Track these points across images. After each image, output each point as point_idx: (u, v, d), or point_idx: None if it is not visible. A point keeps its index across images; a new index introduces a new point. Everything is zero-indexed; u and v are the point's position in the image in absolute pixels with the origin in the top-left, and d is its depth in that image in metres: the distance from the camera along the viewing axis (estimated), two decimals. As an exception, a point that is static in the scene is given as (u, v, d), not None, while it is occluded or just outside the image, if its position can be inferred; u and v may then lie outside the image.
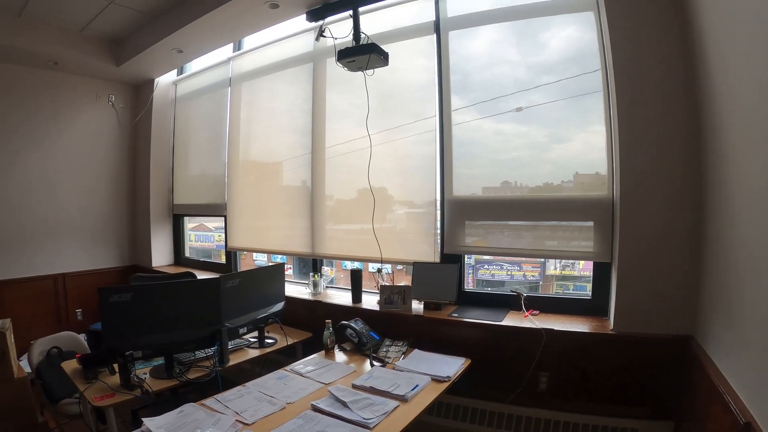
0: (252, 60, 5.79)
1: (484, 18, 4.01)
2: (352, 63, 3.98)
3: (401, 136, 4.36)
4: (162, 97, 6.90)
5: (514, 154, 3.88)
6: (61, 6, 5.05)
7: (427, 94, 4.27)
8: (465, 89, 4.11)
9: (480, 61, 4.07)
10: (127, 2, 5.01)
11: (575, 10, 3.57)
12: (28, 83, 5.99)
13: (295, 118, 5.23)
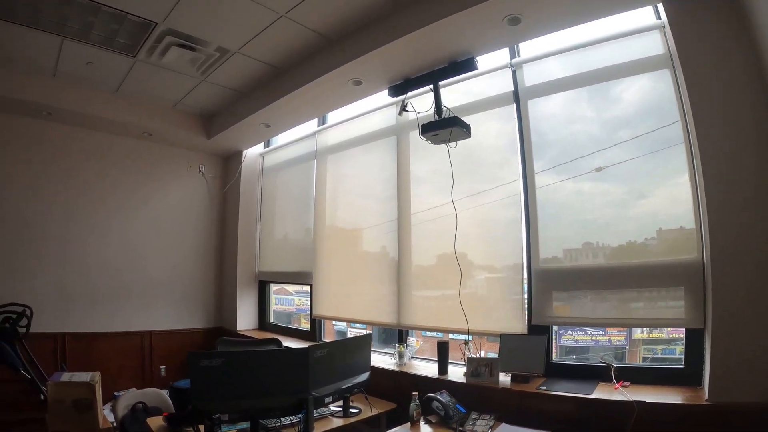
0: (337, 134, 6.05)
1: (562, 85, 4.06)
2: (435, 136, 4.12)
3: (484, 202, 4.39)
4: (250, 167, 7.26)
5: (595, 214, 3.82)
6: (155, 83, 5.52)
7: (506, 156, 4.33)
8: (541, 149, 4.12)
9: (555, 119, 4.10)
10: (218, 80, 5.42)
11: (650, 70, 3.58)
12: (124, 152, 6.50)
13: (380, 187, 5.36)
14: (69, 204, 5.93)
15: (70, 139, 5.97)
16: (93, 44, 4.62)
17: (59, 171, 5.87)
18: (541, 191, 4.06)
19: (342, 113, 5.88)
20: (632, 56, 3.66)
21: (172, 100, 5.99)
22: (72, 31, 4.38)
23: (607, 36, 3.80)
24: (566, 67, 4.05)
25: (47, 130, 5.81)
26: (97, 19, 4.21)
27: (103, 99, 5.69)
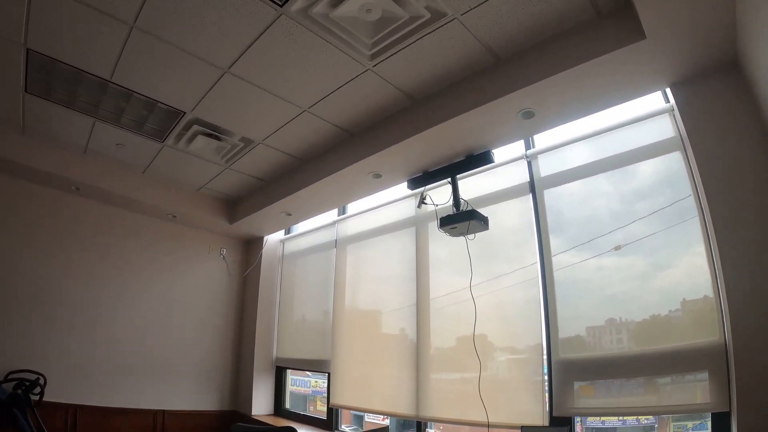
0: (357, 224, 6.13)
1: (576, 174, 4.13)
2: (453, 230, 4.18)
3: (503, 285, 4.36)
4: (270, 253, 7.31)
5: (616, 288, 3.74)
6: (181, 167, 5.71)
7: (525, 237, 4.35)
8: (560, 227, 4.14)
9: (572, 197, 4.14)
10: (242, 168, 5.59)
11: (662, 153, 3.66)
12: (148, 231, 6.60)
13: (399, 271, 5.37)
14: (89, 275, 5.98)
15: (95, 214, 6.11)
16: (123, 128, 4.83)
17: (82, 244, 5.97)
18: (560, 271, 4.04)
19: (362, 204, 6.00)
20: (644, 141, 3.77)
21: (197, 185, 6.17)
22: (104, 114, 4.61)
23: (619, 123, 3.93)
24: (580, 155, 4.14)
25: (75, 204, 5.96)
26: (128, 105, 4.43)
27: (130, 179, 5.87)
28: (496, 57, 3.63)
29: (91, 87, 4.21)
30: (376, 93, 4.09)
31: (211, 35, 3.51)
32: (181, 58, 3.76)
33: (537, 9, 3.16)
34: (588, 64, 3.15)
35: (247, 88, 4.09)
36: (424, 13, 3.20)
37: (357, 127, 4.59)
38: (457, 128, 3.97)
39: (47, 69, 4.00)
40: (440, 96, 4.03)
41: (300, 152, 5.15)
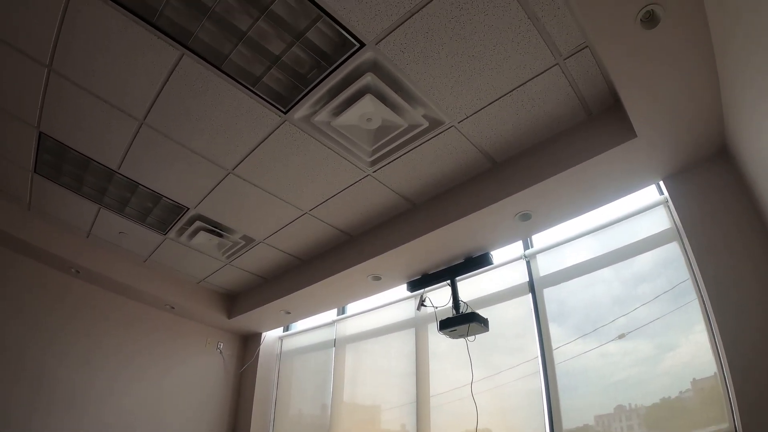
0: (356, 324, 6.11)
1: (576, 272, 4.16)
2: (453, 332, 4.20)
3: (505, 379, 4.30)
4: (268, 349, 7.24)
5: (623, 374, 3.66)
6: (182, 260, 5.78)
7: (524, 329, 4.33)
8: (562, 315, 4.12)
9: (574, 284, 4.13)
10: (242, 265, 5.67)
11: (660, 244, 3.72)
12: (145, 320, 6.55)
13: (399, 372, 5.29)
14: (82, 358, 5.89)
15: (93, 298, 6.11)
16: (127, 217, 4.95)
17: (78, 326, 5.93)
18: (561, 358, 4.01)
19: (362, 303, 5.99)
20: (642, 234, 3.85)
21: (197, 277, 6.23)
22: (109, 202, 4.74)
23: (616, 218, 4.03)
24: (579, 252, 4.19)
25: (73, 286, 5.99)
26: (133, 196, 4.57)
27: (130, 267, 5.94)
28: (493, 161, 3.77)
29: (99, 175, 4.37)
30: (377, 197, 4.22)
31: (217, 137, 3.69)
32: (187, 156, 3.93)
33: (530, 114, 3.33)
34: (582, 165, 3.28)
35: (250, 189, 4.23)
36: (423, 121, 3.37)
37: (357, 230, 4.69)
38: (456, 232, 4.06)
39: (57, 153, 4.18)
40: (439, 200, 4.15)
41: (300, 252, 5.24)
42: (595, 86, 3.12)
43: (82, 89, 3.46)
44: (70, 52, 3.20)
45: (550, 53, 2.89)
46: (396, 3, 2.64)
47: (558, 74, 3.02)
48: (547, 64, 2.97)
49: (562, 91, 3.15)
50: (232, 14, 2.84)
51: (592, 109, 3.29)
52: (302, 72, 3.14)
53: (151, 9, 2.86)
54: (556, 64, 2.96)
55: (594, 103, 3.24)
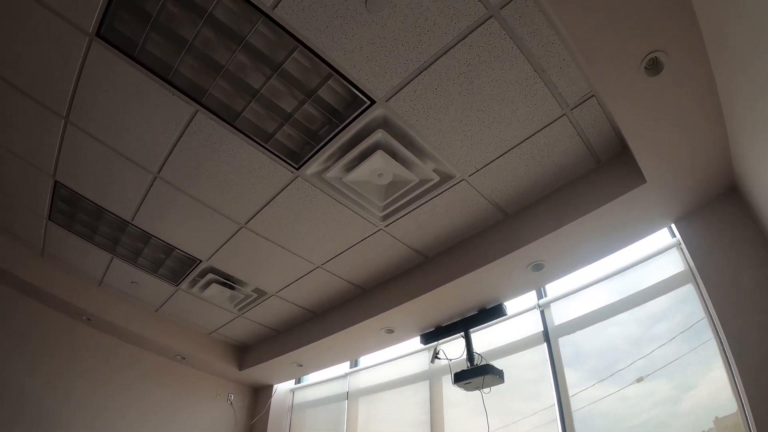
0: (369, 376, 6.04)
1: (592, 318, 4.09)
2: (468, 384, 4.15)
3: (522, 430, 4.22)
4: (280, 402, 7.16)
5: (643, 417, 3.56)
6: (193, 311, 5.80)
7: (540, 374, 4.27)
8: (579, 360, 4.05)
9: (589, 330, 4.07)
10: (254, 317, 5.66)
11: (675, 287, 3.66)
12: (155, 369, 6.52)
13: (413, 423, 5.21)
14: (89, 405, 5.86)
15: (103, 345, 6.11)
16: (139, 267, 4.98)
17: (86, 373, 5.92)
18: (581, 408, 3.91)
19: (375, 356, 5.92)
20: (656, 277, 3.79)
21: (208, 329, 6.22)
22: (122, 252, 4.79)
23: (629, 264, 3.98)
24: (593, 299, 4.13)
25: (84, 332, 5.99)
26: (146, 247, 4.62)
27: (142, 317, 5.94)
28: (504, 213, 3.77)
29: (112, 225, 4.43)
30: (389, 251, 4.22)
31: (230, 192, 3.74)
32: (200, 209, 3.98)
33: (540, 165, 3.34)
34: (593, 213, 3.26)
35: (262, 243, 4.26)
36: (433, 176, 3.39)
37: (370, 284, 4.68)
38: (469, 284, 4.03)
39: (72, 202, 4.26)
40: (452, 253, 4.14)
41: (313, 305, 5.23)
42: (603, 134, 3.13)
43: (97, 141, 3.55)
44: (86, 104, 3.30)
45: (557, 104, 2.92)
46: (405, 61, 2.70)
47: (566, 124, 3.04)
48: (554, 115, 2.99)
49: (571, 140, 3.17)
50: (246, 72, 2.91)
51: (601, 157, 3.30)
52: (314, 129, 3.19)
53: (166, 66, 2.94)
54: (563, 115, 2.98)
55: (602, 150, 3.25)
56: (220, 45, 2.80)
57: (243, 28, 2.69)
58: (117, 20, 2.80)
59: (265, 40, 2.74)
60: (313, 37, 2.65)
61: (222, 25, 2.70)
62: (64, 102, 3.32)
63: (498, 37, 2.57)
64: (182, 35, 2.78)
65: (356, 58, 2.72)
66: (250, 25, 2.66)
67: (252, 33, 2.70)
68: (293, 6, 2.52)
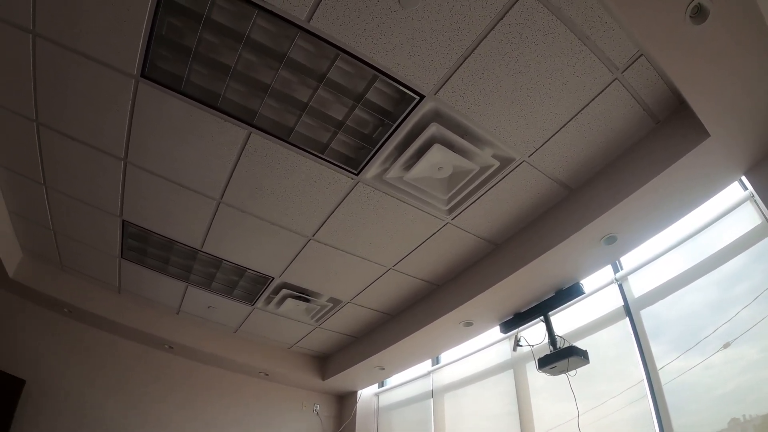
0: (452, 372, 6.02)
1: (672, 286, 3.95)
2: (553, 369, 4.06)
3: (610, 406, 4.12)
4: (365, 407, 7.22)
5: (732, 385, 3.42)
6: (272, 328, 5.94)
7: (624, 351, 4.17)
8: (662, 332, 3.93)
9: (670, 299, 3.94)
10: (332, 327, 5.75)
11: (754, 242, 3.48)
12: (240, 388, 6.71)
13: (501, 415, 5.16)
14: (188, 429, 6.11)
15: (188, 371, 6.34)
16: (214, 292, 5.11)
17: (173, 399, 6.12)
18: (669, 381, 3.79)
19: (456, 351, 5.88)
20: (733, 234, 3.62)
21: (288, 343, 6.35)
22: (196, 279, 4.95)
23: (704, 224, 3.83)
24: (671, 265, 4.00)
25: (167, 361, 6.23)
26: (218, 271, 4.74)
27: (221, 339, 6.12)
28: (569, 189, 3.67)
29: (183, 255, 4.59)
30: (458, 244, 4.19)
31: (293, 206, 3.81)
32: (266, 228, 4.07)
33: (598, 134, 3.23)
34: (660, 176, 3.13)
35: (331, 253, 4.32)
36: (493, 162, 3.34)
37: (443, 279, 4.66)
38: (543, 266, 3.95)
39: (141, 238, 4.44)
40: (521, 237, 4.07)
41: (388, 308, 5.26)
42: (658, 92, 3.00)
43: (158, 176, 3.69)
44: (142, 143, 3.44)
45: (606, 69, 2.82)
46: (447, 50, 2.68)
47: (618, 89, 2.94)
48: (605, 81, 2.90)
49: (626, 104, 3.05)
50: (292, 88, 2.95)
51: (659, 116, 3.16)
52: (368, 132, 3.21)
53: (213, 94, 3.02)
54: (614, 80, 2.88)
55: (659, 109, 3.11)
56: (263, 65, 2.86)
57: (282, 44, 2.74)
58: (159, 59, 2.89)
59: (305, 53, 2.78)
60: (353, 43, 2.67)
61: (261, 45, 2.75)
62: (121, 144, 3.46)
63: (535, 11, 2.51)
64: (224, 62, 2.86)
65: (398, 56, 2.72)
66: (288, 41, 2.71)
67: (292, 48, 2.74)
68: (327, 15, 2.54)
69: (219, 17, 2.66)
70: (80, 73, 3.02)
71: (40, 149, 3.69)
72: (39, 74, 3.09)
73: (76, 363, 5.72)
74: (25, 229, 4.84)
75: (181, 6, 2.63)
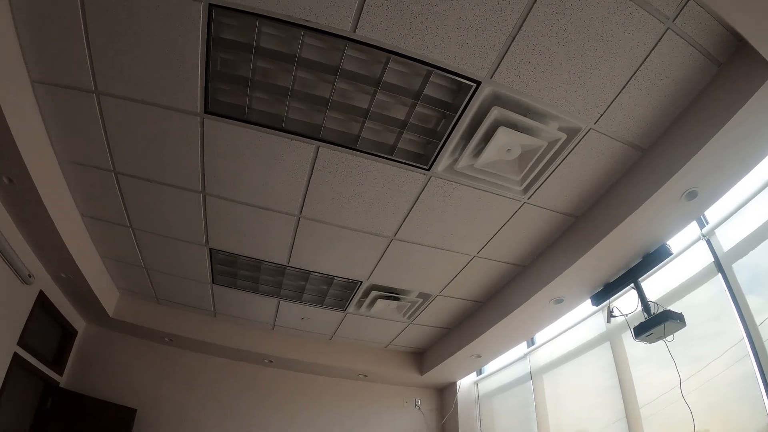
0: (548, 352, 6.00)
1: (764, 232, 3.74)
2: (649, 336, 3.95)
3: (713, 373, 3.99)
4: (465, 396, 7.27)
5: None
6: (366, 330, 6.10)
7: (720, 309, 4.01)
8: (757, 283, 3.77)
9: (760, 247, 3.75)
10: (425, 321, 5.84)
11: None
12: (340, 392, 6.93)
13: (601, 391, 5.11)
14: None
15: (287, 381, 6.63)
16: (306, 303, 5.30)
17: (277, 410, 6.41)
18: None
19: (550, 329, 5.83)
20: None
21: (383, 342, 6.49)
22: (287, 294, 5.15)
23: None
24: (759, 212, 3.81)
25: (268, 374, 6.54)
26: (308, 283, 4.89)
27: (318, 347, 6.35)
28: (641, 149, 3.55)
29: (271, 273, 4.77)
30: (538, 221, 4.17)
31: (371, 210, 3.90)
32: (348, 235, 4.18)
33: (661, 89, 3.13)
34: (733, 119, 2.97)
35: (415, 249, 4.38)
36: (560, 135, 3.29)
37: (528, 259, 4.64)
38: (626, 232, 3.84)
39: (229, 263, 4.66)
40: (600, 205, 4.00)
41: (478, 295, 5.27)
42: (714, 34, 2.86)
43: (236, 203, 3.89)
44: (217, 174, 3.64)
45: (656, 21, 2.73)
46: (494, 33, 2.68)
47: (673, 38, 2.83)
48: (658, 33, 2.80)
49: (683, 52, 2.93)
50: (350, 97, 3.03)
51: (720, 59, 3.00)
52: (432, 127, 3.25)
53: (276, 117, 3.16)
54: (667, 29, 2.78)
55: (719, 52, 2.96)
56: (318, 81, 2.95)
57: (333, 58, 2.82)
58: (219, 93, 3.06)
59: (357, 62, 2.85)
60: (401, 43, 2.71)
61: (313, 62, 2.85)
62: (197, 178, 3.68)
63: (573, -26, 2.48)
64: (281, 84, 2.97)
65: (448, 48, 2.75)
66: (338, 53, 2.78)
67: (343, 59, 2.81)
68: (371, 22, 2.60)
69: (268, 44, 2.78)
70: (147, 119, 3.25)
71: (121, 195, 3.99)
72: (109, 127, 3.37)
73: (182, 387, 6.08)
74: (118, 270, 5.18)
75: (230, 41, 2.78)
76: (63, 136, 3.57)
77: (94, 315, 5.78)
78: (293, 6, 2.57)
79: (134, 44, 2.83)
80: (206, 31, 2.72)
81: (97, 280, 5.03)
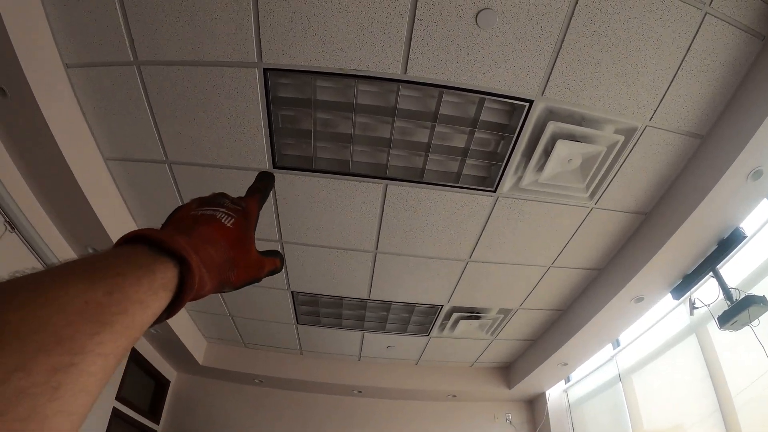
0: (635, 351, 5.91)
1: None
2: (734, 324, 3.89)
3: None
4: (556, 405, 7.21)
5: None
6: (450, 351, 6.16)
7: None
8: None
9: None
10: (508, 336, 5.86)
11: None
12: (430, 415, 6.97)
13: (692, 384, 5.02)
14: None
15: (379, 410, 6.74)
16: (390, 332, 5.42)
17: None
18: None
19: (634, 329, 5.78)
20: None
21: (469, 361, 6.53)
22: (370, 326, 5.29)
23: None
24: None
25: (358, 404, 6.69)
26: (389, 313, 5.02)
27: (405, 373, 6.43)
28: (700, 137, 3.51)
29: (353, 308, 4.93)
30: (608, 224, 4.18)
31: (444, 237, 4.02)
32: (424, 263, 4.30)
33: (710, 74, 3.12)
34: None
35: (491, 268, 4.46)
36: (617, 137, 3.34)
37: (603, 262, 4.64)
38: (698, 220, 3.78)
39: (311, 303, 4.85)
40: (668, 199, 3.98)
41: (557, 304, 5.29)
42: (753, 9, 2.84)
43: (314, 246, 4.08)
44: (293, 223, 3.88)
45: (694, 8, 2.74)
46: (538, 51, 2.77)
47: (712, 22, 2.83)
48: (697, 20, 2.80)
49: (726, 34, 2.92)
50: (410, 134, 3.17)
51: (763, 32, 2.96)
52: (492, 149, 3.34)
53: (342, 162, 3.33)
54: (705, 15, 2.78)
55: (761, 25, 2.92)
56: (377, 123, 3.11)
57: (388, 99, 2.96)
58: (284, 147, 3.26)
59: (412, 100, 2.99)
60: (451, 76, 2.83)
61: (370, 107, 3.00)
62: (273, 228, 3.89)
63: (602, -20, 2.53)
64: (343, 132, 3.14)
65: (496, 73, 2.84)
66: (393, 95, 2.93)
67: (398, 100, 2.95)
68: (419, 62, 2.73)
69: (325, 96, 2.95)
70: (219, 181, 3.49)
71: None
72: (183, 190, 3.63)
73: (274, 423, 6.28)
74: (204, 321, 5.45)
75: (288, 98, 2.96)
76: (140, 204, 3.88)
77: (184, 364, 6.10)
78: (343, 59, 2.73)
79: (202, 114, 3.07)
80: (264, 91, 2.92)
81: (185, 331, 5.32)
